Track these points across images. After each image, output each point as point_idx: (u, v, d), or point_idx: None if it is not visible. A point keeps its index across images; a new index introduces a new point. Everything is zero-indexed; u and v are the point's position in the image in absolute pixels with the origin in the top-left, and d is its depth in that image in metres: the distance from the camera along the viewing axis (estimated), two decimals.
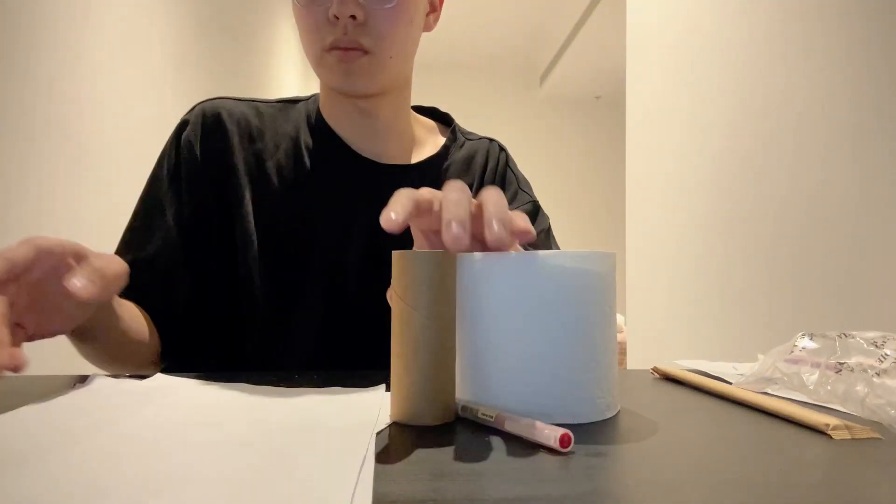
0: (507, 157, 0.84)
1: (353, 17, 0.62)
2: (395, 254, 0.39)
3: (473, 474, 0.30)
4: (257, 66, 3.01)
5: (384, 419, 0.39)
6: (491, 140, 0.85)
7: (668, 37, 1.79)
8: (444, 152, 0.79)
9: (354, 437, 0.34)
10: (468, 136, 0.84)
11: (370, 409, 0.42)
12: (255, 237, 0.69)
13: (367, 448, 0.32)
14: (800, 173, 1.20)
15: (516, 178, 0.83)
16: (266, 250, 0.70)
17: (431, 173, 0.77)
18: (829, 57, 1.12)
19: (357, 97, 0.71)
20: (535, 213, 0.80)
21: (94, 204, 1.31)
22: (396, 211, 0.41)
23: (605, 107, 5.65)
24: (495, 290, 0.40)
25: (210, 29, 2.18)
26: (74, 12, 1.23)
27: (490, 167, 0.81)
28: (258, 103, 0.77)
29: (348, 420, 0.39)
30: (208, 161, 0.71)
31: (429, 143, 0.81)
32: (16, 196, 1.04)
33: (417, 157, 0.78)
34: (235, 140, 0.72)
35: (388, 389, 0.46)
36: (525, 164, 0.92)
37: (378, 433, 0.37)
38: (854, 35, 1.06)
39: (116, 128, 1.42)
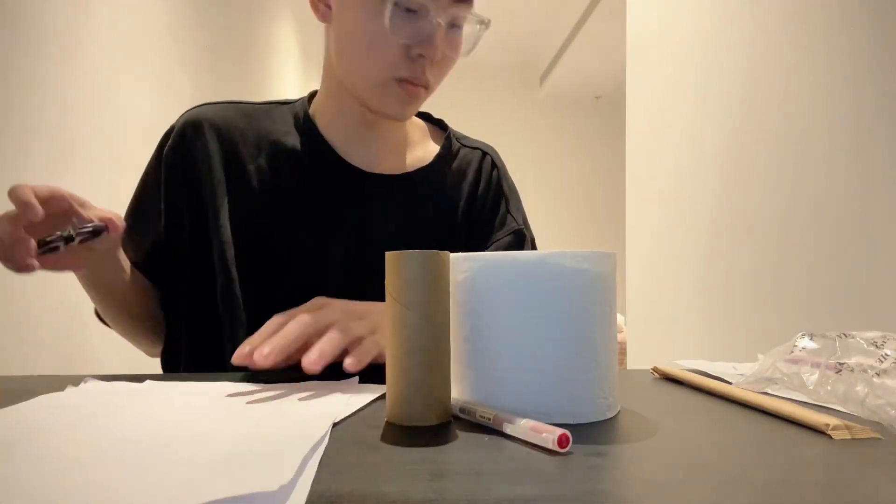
0: (500, 174, 0.82)
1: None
2: (389, 254, 0.40)
3: (473, 474, 0.30)
4: (257, 66, 3.01)
5: (346, 411, 0.40)
6: (485, 153, 0.83)
7: (669, 37, 1.79)
8: (436, 162, 0.78)
9: (308, 429, 0.35)
10: (463, 143, 0.82)
11: (337, 402, 0.43)
12: (230, 243, 0.69)
13: (322, 439, 0.33)
14: (801, 174, 1.20)
15: (507, 199, 0.81)
16: (245, 256, 0.69)
17: (420, 187, 0.76)
18: (831, 55, 1.12)
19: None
20: (518, 244, 0.79)
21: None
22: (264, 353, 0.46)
23: (605, 107, 5.65)
24: (495, 290, 0.40)
25: (210, 28, 2.18)
26: (74, 12, 1.23)
27: (482, 187, 0.79)
28: (245, 105, 0.76)
29: (311, 411, 0.40)
30: (185, 172, 0.71)
31: (420, 147, 0.80)
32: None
33: (409, 163, 0.77)
34: (215, 148, 0.72)
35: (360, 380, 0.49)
36: (525, 164, 0.92)
37: (335, 424, 0.36)
38: (857, 34, 1.06)
39: (115, 128, 1.42)
